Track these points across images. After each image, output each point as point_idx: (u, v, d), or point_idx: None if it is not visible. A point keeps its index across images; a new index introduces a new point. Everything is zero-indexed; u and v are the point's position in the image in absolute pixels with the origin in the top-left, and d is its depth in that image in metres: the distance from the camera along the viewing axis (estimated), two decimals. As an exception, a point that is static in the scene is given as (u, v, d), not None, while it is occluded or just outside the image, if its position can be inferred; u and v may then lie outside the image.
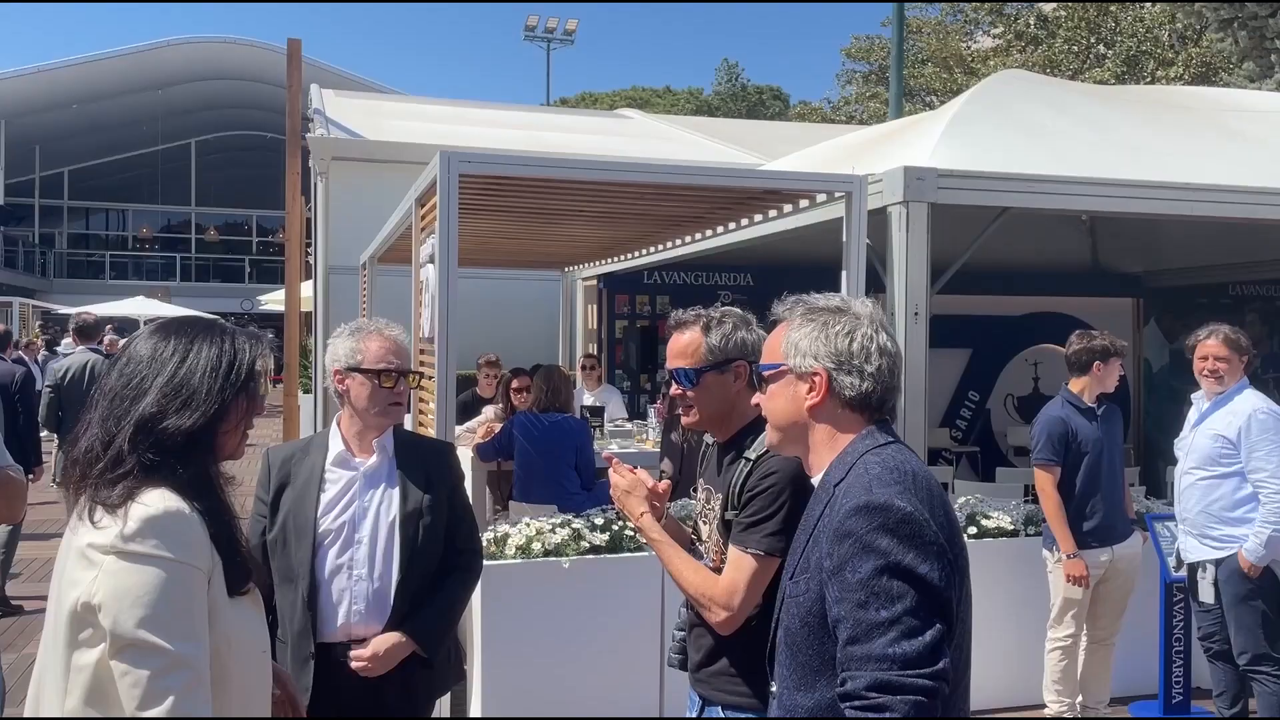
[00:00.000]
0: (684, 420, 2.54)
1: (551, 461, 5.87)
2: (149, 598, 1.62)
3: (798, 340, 1.85)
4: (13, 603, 6.88)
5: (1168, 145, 6.72)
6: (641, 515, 2.40)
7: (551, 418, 5.94)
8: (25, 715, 1.78)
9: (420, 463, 2.74)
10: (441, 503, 2.71)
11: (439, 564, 2.71)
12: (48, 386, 7.54)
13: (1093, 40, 23.33)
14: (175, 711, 1.59)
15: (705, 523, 2.46)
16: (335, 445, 2.75)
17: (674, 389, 2.56)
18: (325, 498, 2.68)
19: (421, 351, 5.13)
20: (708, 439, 2.58)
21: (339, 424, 2.79)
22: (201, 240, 40.63)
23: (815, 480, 1.86)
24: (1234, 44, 22.16)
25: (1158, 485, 7.68)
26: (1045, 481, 4.60)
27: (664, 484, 2.47)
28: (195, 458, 1.77)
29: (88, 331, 8.11)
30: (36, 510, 8.28)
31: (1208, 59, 21.65)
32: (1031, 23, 23.90)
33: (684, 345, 2.50)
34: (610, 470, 2.49)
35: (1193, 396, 4.65)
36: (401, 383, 2.76)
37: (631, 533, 4.77)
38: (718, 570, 2.35)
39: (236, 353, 1.84)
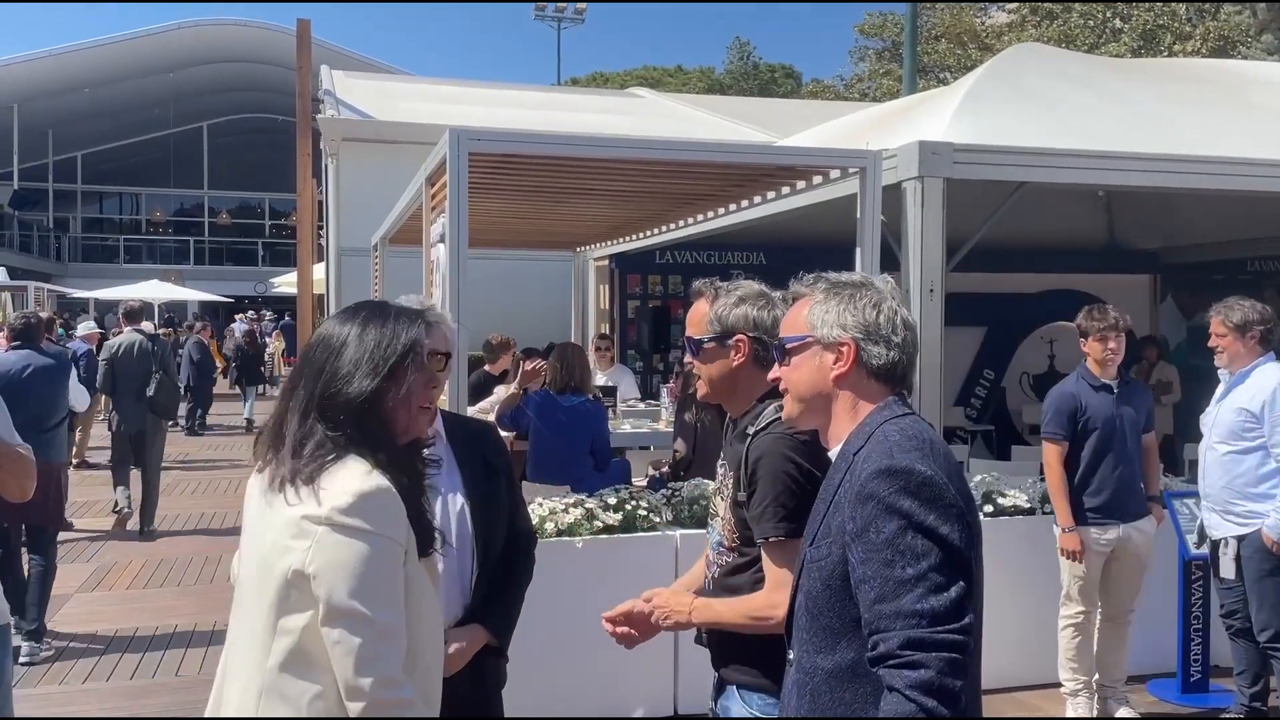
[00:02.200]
0: (699, 392, 2.52)
1: (566, 444, 5.84)
2: (360, 570, 1.71)
3: (824, 312, 1.89)
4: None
5: (1186, 118, 6.62)
6: (691, 611, 2.34)
7: (569, 400, 5.90)
8: (219, 672, 1.89)
9: (475, 447, 2.64)
10: (502, 486, 2.64)
11: (503, 551, 2.61)
12: (103, 360, 8.75)
13: (1109, 14, 23.07)
14: (382, 677, 1.71)
15: (722, 499, 2.44)
16: None
17: (686, 358, 2.55)
18: None
19: (433, 332, 5.10)
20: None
21: None
22: (214, 223, 40.71)
23: (833, 452, 1.89)
24: (1252, 16, 21.90)
25: (1174, 462, 7.63)
26: (1050, 454, 4.63)
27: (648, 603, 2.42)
28: (372, 433, 1.85)
29: (134, 315, 9.22)
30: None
31: (1225, 32, 21.41)
32: (1046, -3, 23.65)
33: (694, 315, 2.49)
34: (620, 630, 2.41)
35: (1220, 371, 4.60)
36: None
37: (645, 512, 4.76)
38: (732, 549, 2.33)
39: (394, 332, 1.92)
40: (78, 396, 7.05)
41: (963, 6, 26.17)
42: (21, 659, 5.46)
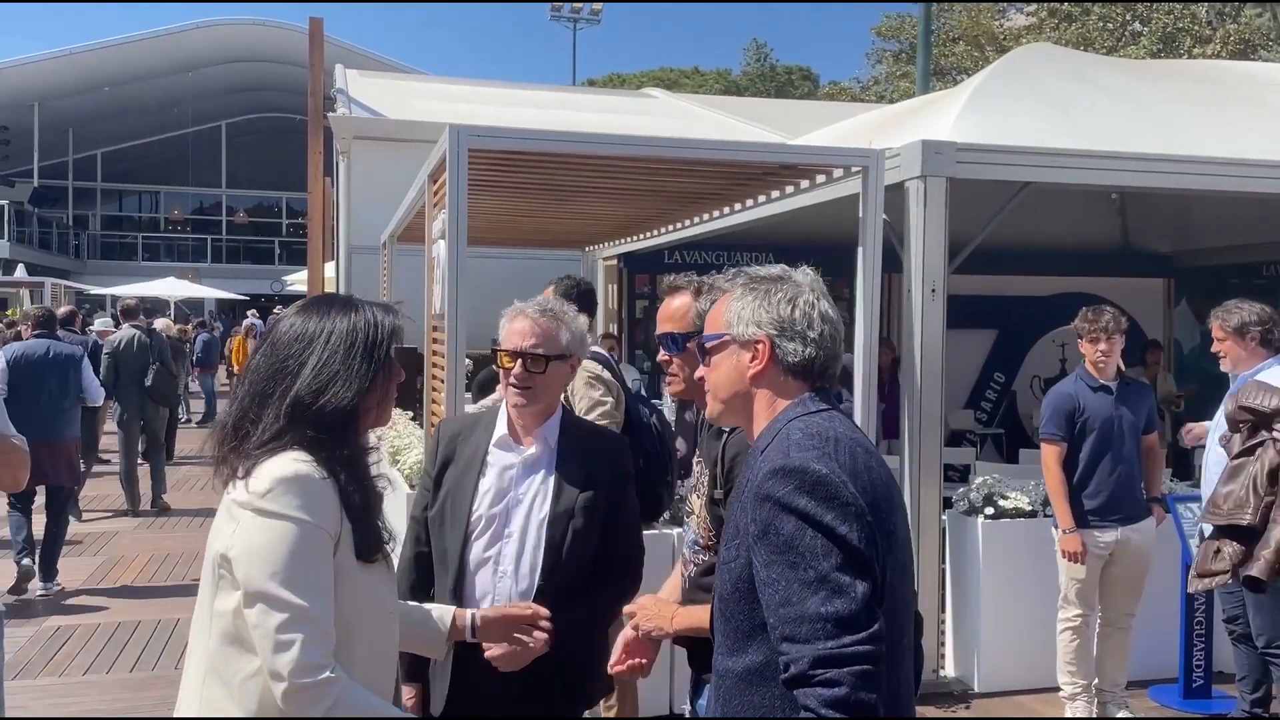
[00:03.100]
0: (669, 389, 2.49)
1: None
2: (277, 553, 1.72)
3: (740, 309, 1.84)
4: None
5: (1199, 119, 6.57)
6: (674, 620, 2.31)
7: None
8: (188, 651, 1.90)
9: (583, 458, 2.55)
10: (598, 505, 2.52)
11: (591, 568, 2.53)
12: (106, 354, 9.51)
13: (1128, 17, 22.92)
14: (300, 660, 1.69)
15: (697, 496, 2.42)
16: (501, 427, 2.60)
17: (660, 355, 2.50)
18: (483, 483, 2.54)
19: (434, 328, 5.11)
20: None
21: (507, 404, 2.64)
22: (232, 222, 40.97)
23: None
24: (1272, 19, 21.70)
25: (1186, 467, 7.55)
26: (1049, 455, 4.61)
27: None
28: (337, 431, 1.83)
29: (131, 312, 10.19)
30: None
31: (1246, 36, 21.24)
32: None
33: (674, 310, 2.44)
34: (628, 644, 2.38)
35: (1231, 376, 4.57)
36: (519, 365, 2.51)
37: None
38: (708, 548, 2.31)
39: (378, 326, 1.89)
40: (93, 391, 7.56)
41: (980, 9, 26.04)
42: (38, 592, 6.71)
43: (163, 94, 34.38)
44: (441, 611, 2.29)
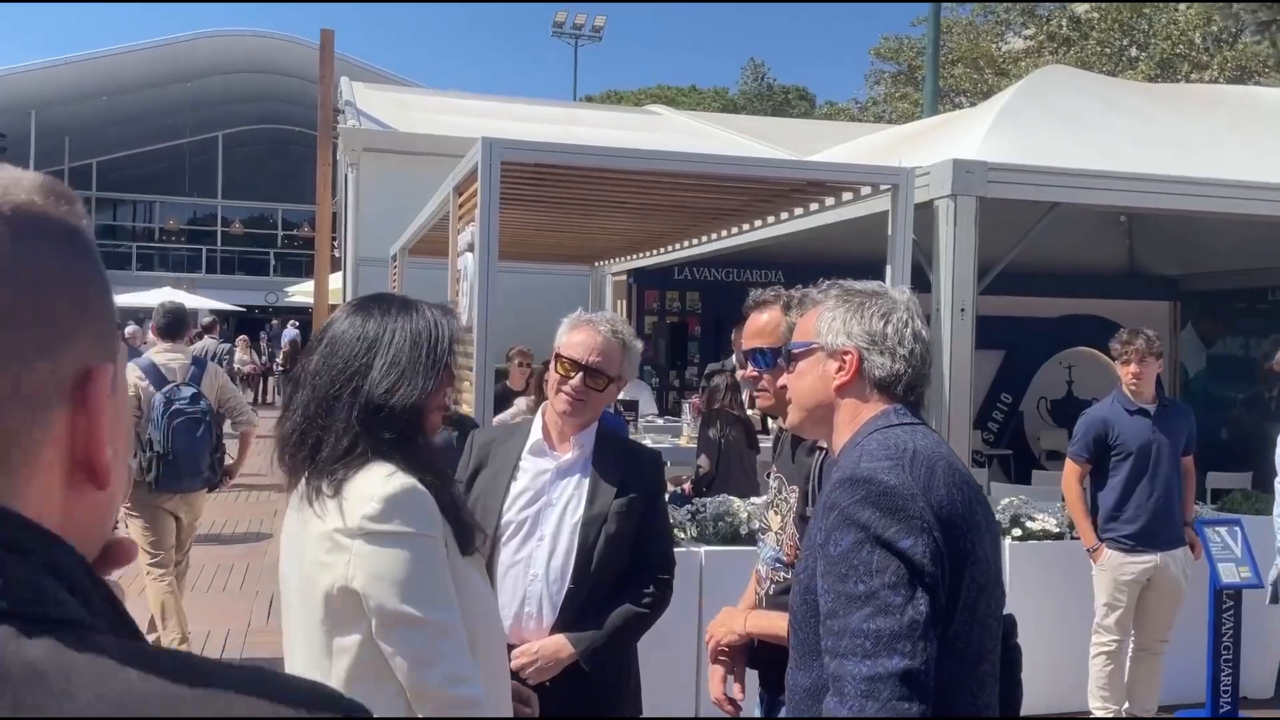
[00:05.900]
0: (759, 403, 2.47)
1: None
2: (404, 574, 1.68)
3: (832, 319, 1.83)
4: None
5: (1218, 142, 6.59)
6: (746, 621, 2.32)
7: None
8: None
9: (619, 466, 2.54)
10: (632, 513, 2.50)
11: (623, 579, 2.52)
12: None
13: (1126, 42, 23.08)
14: (449, 672, 1.67)
15: (778, 513, 2.39)
16: (535, 433, 2.60)
17: (748, 371, 2.48)
18: (515, 487, 2.53)
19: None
20: (778, 424, 2.51)
21: (543, 412, 2.64)
22: (227, 233, 40.88)
23: None
24: (1271, 46, 21.89)
25: (1198, 490, 7.55)
26: (1068, 473, 4.71)
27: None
28: (410, 436, 1.79)
29: (209, 327, 13.01)
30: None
31: (1243, 62, 21.39)
32: (1064, 24, 23.64)
33: (762, 325, 2.42)
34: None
35: None
36: (579, 378, 2.51)
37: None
38: (791, 564, 2.28)
39: (438, 326, 1.85)
40: None
41: (980, 32, 26.20)
42: None
43: (160, 104, 34.33)
44: None
